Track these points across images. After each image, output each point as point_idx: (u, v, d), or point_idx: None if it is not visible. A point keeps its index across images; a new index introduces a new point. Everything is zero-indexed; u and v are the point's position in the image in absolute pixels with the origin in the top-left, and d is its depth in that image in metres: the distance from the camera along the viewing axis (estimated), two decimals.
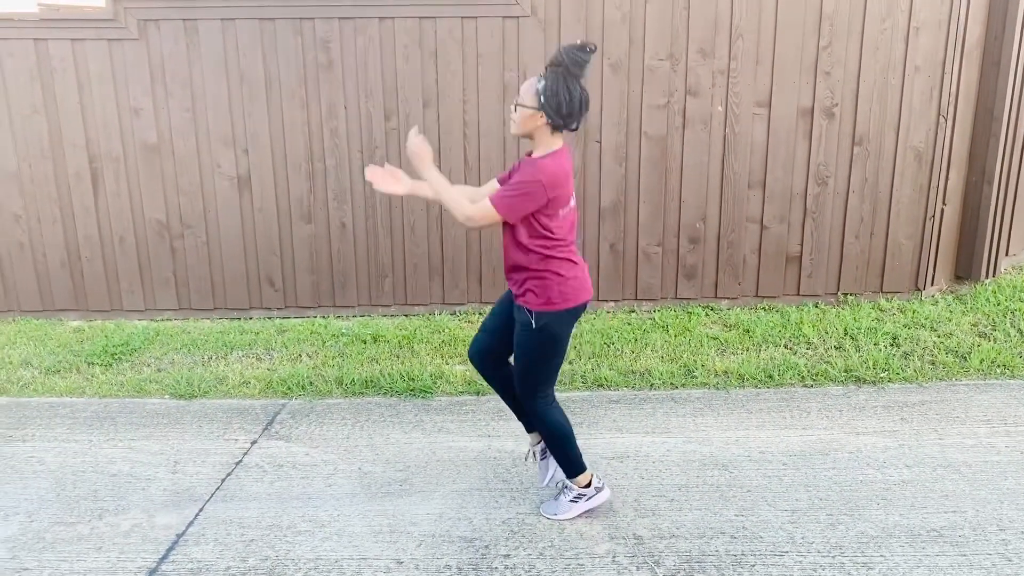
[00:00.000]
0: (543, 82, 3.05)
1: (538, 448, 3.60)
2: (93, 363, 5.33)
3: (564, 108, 3.04)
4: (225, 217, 5.97)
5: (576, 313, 3.28)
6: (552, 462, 3.57)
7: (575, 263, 3.27)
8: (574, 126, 3.12)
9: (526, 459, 3.84)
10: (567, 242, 3.24)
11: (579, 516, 3.50)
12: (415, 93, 5.75)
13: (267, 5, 5.59)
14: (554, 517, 3.51)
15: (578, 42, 3.07)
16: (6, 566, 3.27)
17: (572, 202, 3.23)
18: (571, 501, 3.51)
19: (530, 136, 3.16)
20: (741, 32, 5.63)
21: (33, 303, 6.16)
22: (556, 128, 3.10)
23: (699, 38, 5.65)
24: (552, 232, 3.16)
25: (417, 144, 3.14)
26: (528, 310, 3.21)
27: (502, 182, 3.31)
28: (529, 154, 3.23)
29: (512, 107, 3.17)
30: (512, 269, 3.27)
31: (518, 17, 5.62)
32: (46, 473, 4.01)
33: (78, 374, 5.20)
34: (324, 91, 5.75)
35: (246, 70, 5.72)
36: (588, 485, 3.51)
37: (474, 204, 3.13)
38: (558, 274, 3.20)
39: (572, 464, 3.47)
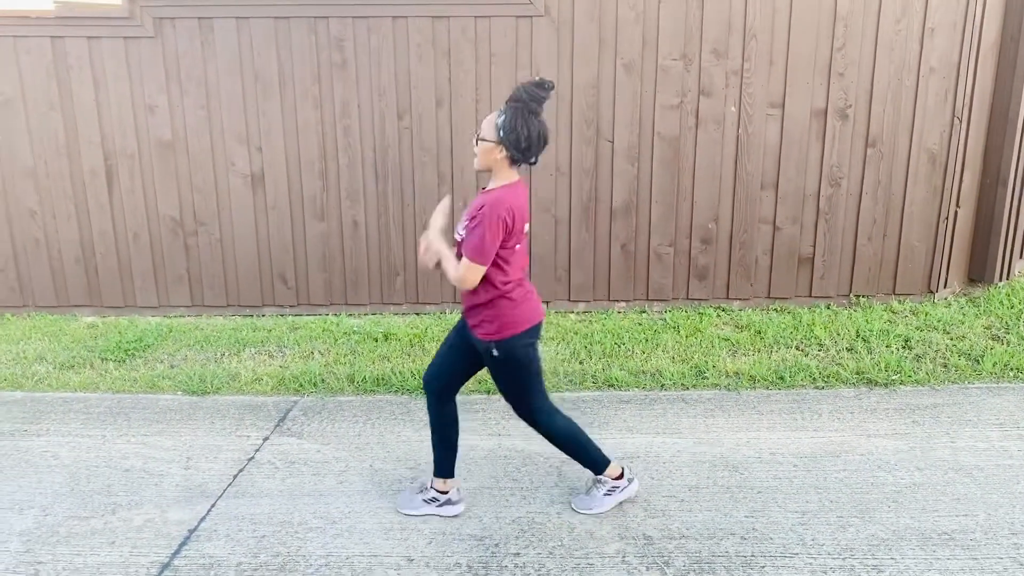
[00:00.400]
0: (502, 117, 3.10)
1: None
2: (107, 359, 5.37)
3: (522, 142, 3.10)
4: (238, 215, 6.00)
5: (532, 333, 3.31)
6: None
7: (525, 288, 3.31)
8: (532, 160, 3.18)
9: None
10: (521, 273, 3.30)
11: (594, 514, 3.51)
12: (428, 92, 5.77)
13: (282, 4, 5.61)
14: (589, 512, 3.54)
15: (536, 78, 3.14)
16: (21, 559, 3.30)
17: (526, 229, 3.27)
18: (605, 495, 3.54)
19: (489, 169, 3.21)
20: (755, 33, 5.62)
21: (48, 299, 6.21)
22: (515, 162, 3.16)
23: (713, 38, 5.64)
24: (508, 264, 3.21)
25: (433, 246, 3.28)
26: (486, 341, 3.25)
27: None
28: (483, 189, 3.26)
29: (474, 141, 3.22)
30: (469, 302, 3.32)
31: (531, 16, 5.62)
32: (60, 467, 4.05)
33: (92, 370, 5.24)
34: (338, 90, 5.77)
35: (260, 69, 5.75)
36: (620, 476, 3.55)
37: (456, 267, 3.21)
38: (510, 299, 3.24)
39: (596, 462, 3.51)
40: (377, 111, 5.80)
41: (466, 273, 3.15)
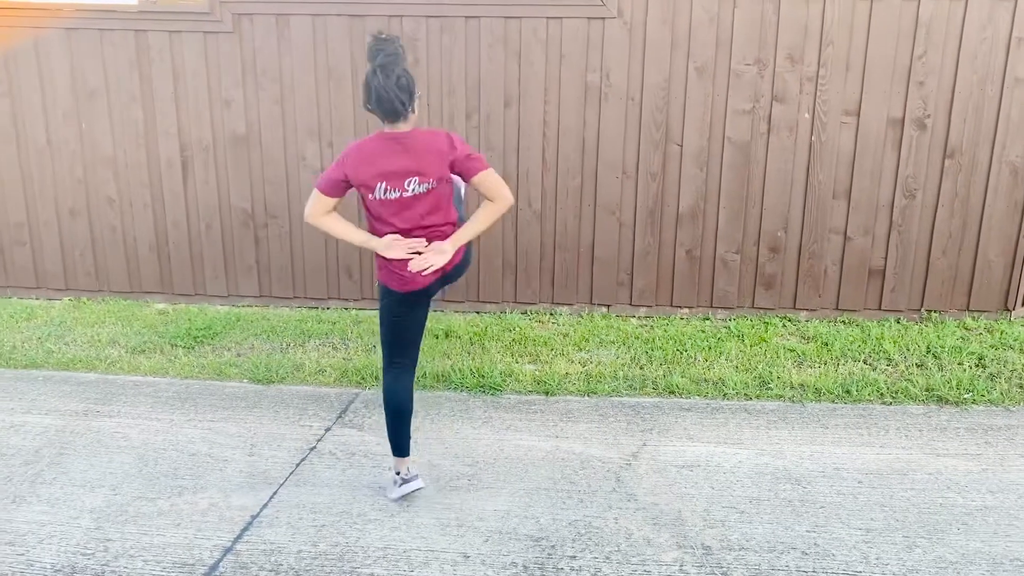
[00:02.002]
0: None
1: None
2: (176, 345, 5.51)
3: (364, 96, 3.21)
4: None
5: (391, 294, 3.43)
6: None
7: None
8: (375, 111, 3.22)
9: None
10: (388, 229, 3.35)
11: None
12: (497, 92, 5.78)
13: (357, 2, 5.69)
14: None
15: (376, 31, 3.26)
16: (91, 536, 3.41)
17: (385, 194, 3.28)
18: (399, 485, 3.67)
19: None
20: (832, 38, 5.51)
21: (122, 284, 6.40)
22: (374, 113, 3.26)
23: (788, 43, 5.55)
24: (369, 213, 3.39)
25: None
26: None
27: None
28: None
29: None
30: None
31: (603, 18, 5.60)
32: (130, 449, 4.17)
33: (162, 355, 5.38)
34: None
35: (334, 65, 5.84)
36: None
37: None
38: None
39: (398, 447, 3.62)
40: (446, 109, 5.84)
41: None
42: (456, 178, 3.42)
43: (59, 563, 3.23)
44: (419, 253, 3.35)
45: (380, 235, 3.39)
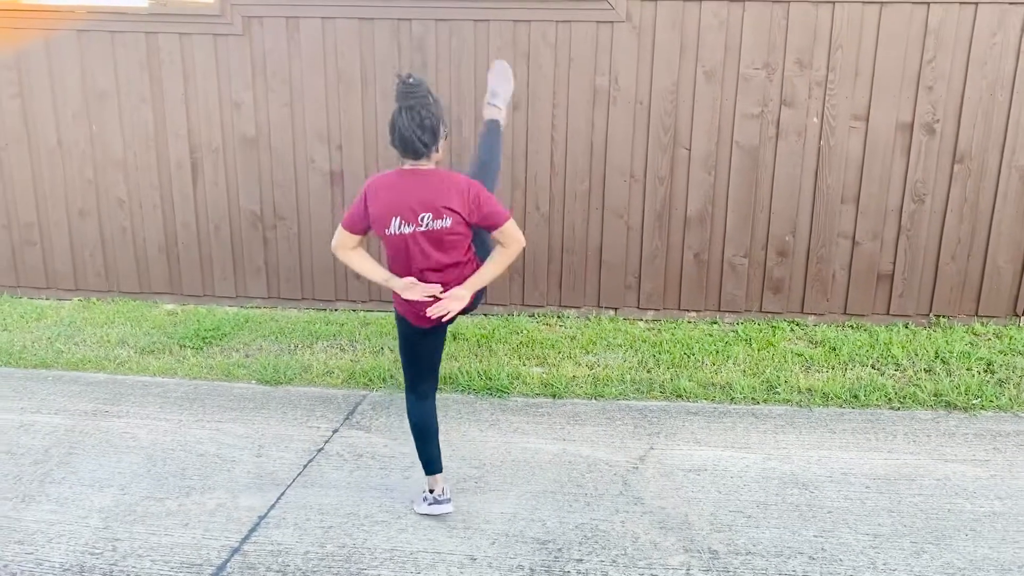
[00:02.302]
0: None
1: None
2: (185, 345, 5.53)
3: (390, 134, 3.27)
4: (316, 211, 6.12)
5: (408, 324, 3.46)
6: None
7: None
8: (398, 149, 3.27)
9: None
10: (398, 269, 3.34)
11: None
12: None
13: (367, 5, 5.71)
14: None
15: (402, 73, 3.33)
16: (100, 535, 3.43)
17: (399, 229, 3.23)
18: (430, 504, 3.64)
19: None
20: (840, 43, 5.50)
21: (131, 285, 6.43)
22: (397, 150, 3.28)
23: (797, 48, 5.54)
24: (387, 251, 3.35)
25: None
26: None
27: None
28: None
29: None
30: None
31: (612, 22, 5.61)
32: (138, 449, 4.19)
33: (170, 356, 5.40)
34: None
35: (344, 68, 5.86)
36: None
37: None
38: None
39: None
40: (455, 113, 5.85)
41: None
42: None
43: (68, 562, 3.25)
44: (436, 298, 3.30)
45: (398, 273, 3.35)
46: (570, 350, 5.45)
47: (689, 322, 6.02)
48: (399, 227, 3.21)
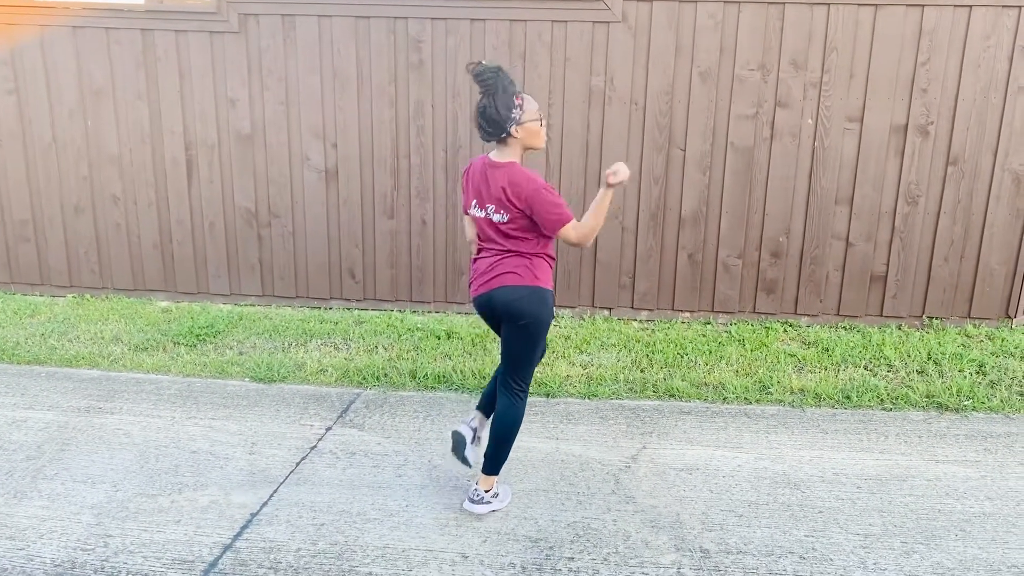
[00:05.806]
0: None
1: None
2: (179, 343, 5.53)
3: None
4: (311, 208, 6.12)
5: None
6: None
7: (474, 259, 3.59)
8: (483, 134, 3.37)
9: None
10: (475, 237, 3.59)
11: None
12: None
13: (363, 3, 5.71)
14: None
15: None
16: (92, 531, 3.42)
17: (475, 210, 3.47)
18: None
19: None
20: (835, 45, 5.52)
21: (126, 282, 6.43)
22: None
23: (792, 49, 5.56)
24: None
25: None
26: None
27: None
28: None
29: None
30: None
31: (608, 23, 5.62)
32: (131, 445, 4.18)
33: (164, 353, 5.40)
34: (413, 89, 5.85)
35: (339, 66, 5.86)
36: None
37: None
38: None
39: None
40: (450, 111, 5.86)
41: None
42: None
43: (59, 558, 3.24)
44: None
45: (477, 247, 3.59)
46: (564, 349, 5.45)
47: (683, 322, 6.03)
48: (475, 208, 3.48)
